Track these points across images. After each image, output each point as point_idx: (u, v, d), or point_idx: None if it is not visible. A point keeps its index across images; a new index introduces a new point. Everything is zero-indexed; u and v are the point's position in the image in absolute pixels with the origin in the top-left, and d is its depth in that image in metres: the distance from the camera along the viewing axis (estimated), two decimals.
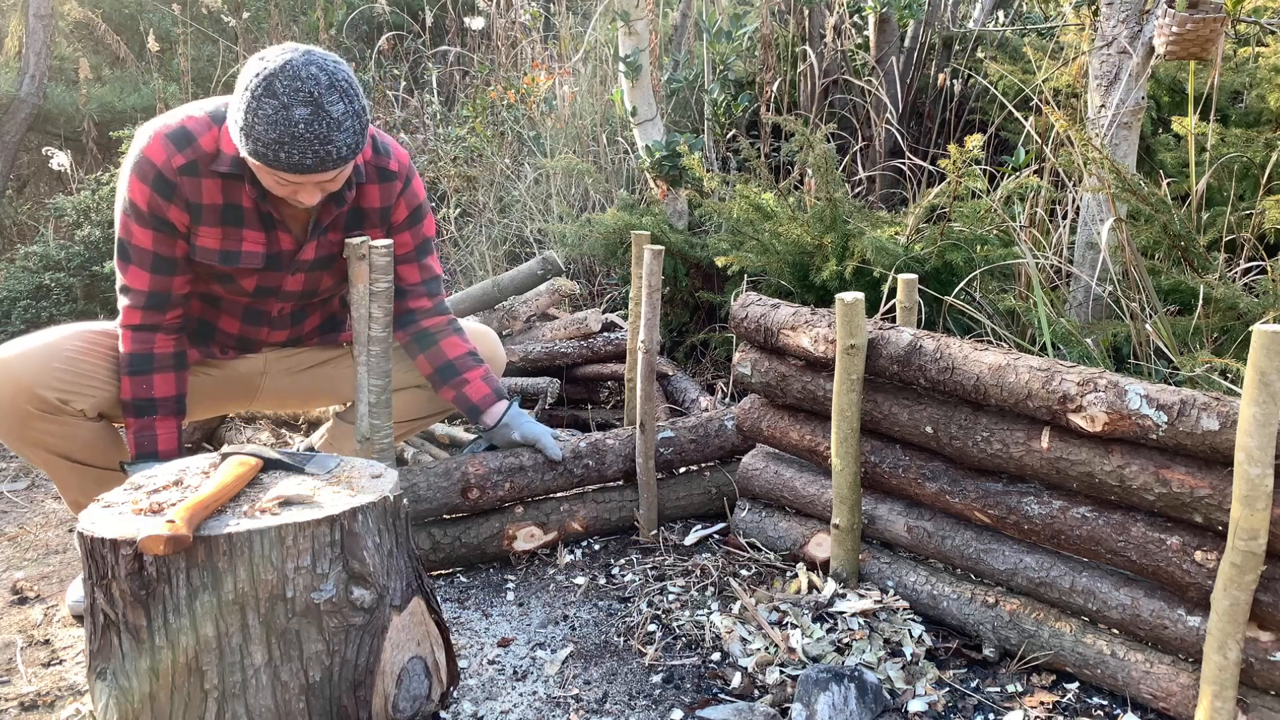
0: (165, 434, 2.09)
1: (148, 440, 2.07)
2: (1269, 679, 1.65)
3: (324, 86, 1.82)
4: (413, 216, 2.24)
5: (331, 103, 1.82)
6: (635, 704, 1.90)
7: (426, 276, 2.31)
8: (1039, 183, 3.12)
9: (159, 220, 1.99)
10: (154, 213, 1.97)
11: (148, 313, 2.05)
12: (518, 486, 2.42)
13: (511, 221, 4.80)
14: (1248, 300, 2.57)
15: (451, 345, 2.33)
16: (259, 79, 1.81)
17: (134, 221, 1.99)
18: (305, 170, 1.85)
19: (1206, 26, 2.59)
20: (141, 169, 1.95)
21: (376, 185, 2.15)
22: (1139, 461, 1.73)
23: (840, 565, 2.18)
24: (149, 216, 1.98)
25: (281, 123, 1.80)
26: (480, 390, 2.34)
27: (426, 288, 2.31)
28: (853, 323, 2.03)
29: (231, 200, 2.01)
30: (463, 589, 2.37)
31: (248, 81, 1.83)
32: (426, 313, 2.32)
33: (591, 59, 5.10)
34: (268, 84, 1.80)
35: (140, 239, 2.00)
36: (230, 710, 1.48)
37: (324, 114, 1.82)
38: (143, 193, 1.96)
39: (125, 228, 2.00)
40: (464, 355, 2.34)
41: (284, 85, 1.79)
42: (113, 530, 1.47)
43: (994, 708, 1.86)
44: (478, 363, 2.35)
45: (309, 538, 1.48)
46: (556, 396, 3.13)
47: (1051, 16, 4.85)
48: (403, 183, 2.19)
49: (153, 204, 1.97)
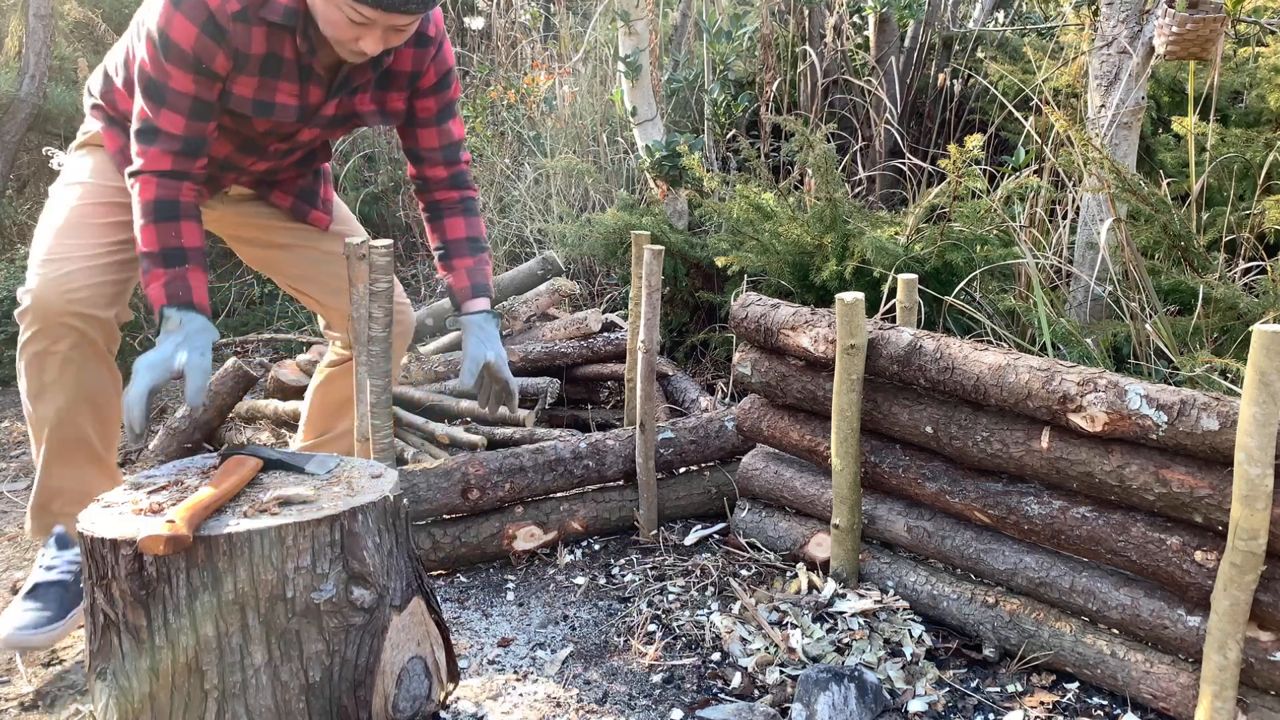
0: (199, 286, 1.94)
1: (181, 290, 1.91)
2: (1269, 679, 1.65)
3: None
4: (441, 82, 2.17)
5: None
6: (635, 704, 1.90)
7: (445, 142, 2.23)
8: (1039, 183, 3.12)
9: (202, 65, 1.87)
10: (199, 57, 1.85)
11: (179, 158, 1.92)
12: (518, 487, 2.42)
13: (511, 221, 4.80)
14: (1248, 300, 2.57)
15: (454, 226, 2.26)
16: None
17: (173, 63, 1.85)
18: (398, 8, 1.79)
19: (1206, 26, 2.59)
20: (191, 9, 1.82)
21: (411, 50, 2.09)
22: (1139, 461, 1.73)
23: (840, 565, 2.18)
24: (193, 61, 1.85)
25: None
26: (461, 281, 2.26)
27: (444, 154, 2.24)
28: (853, 323, 2.03)
29: (274, 50, 1.92)
30: (463, 589, 2.37)
31: None
32: (441, 183, 2.25)
33: (591, 59, 5.10)
34: None
35: (179, 82, 1.87)
36: (230, 710, 1.48)
37: None
38: (189, 35, 1.83)
39: (159, 67, 1.85)
40: (460, 240, 2.26)
41: None
42: (113, 530, 1.47)
43: (994, 708, 1.86)
44: (472, 251, 2.27)
45: (309, 538, 1.48)
46: (556, 396, 3.13)
47: (1051, 16, 4.86)
48: (436, 48, 2.12)
49: (200, 48, 1.84)
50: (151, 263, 1.91)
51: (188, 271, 1.91)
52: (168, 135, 1.90)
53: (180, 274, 1.90)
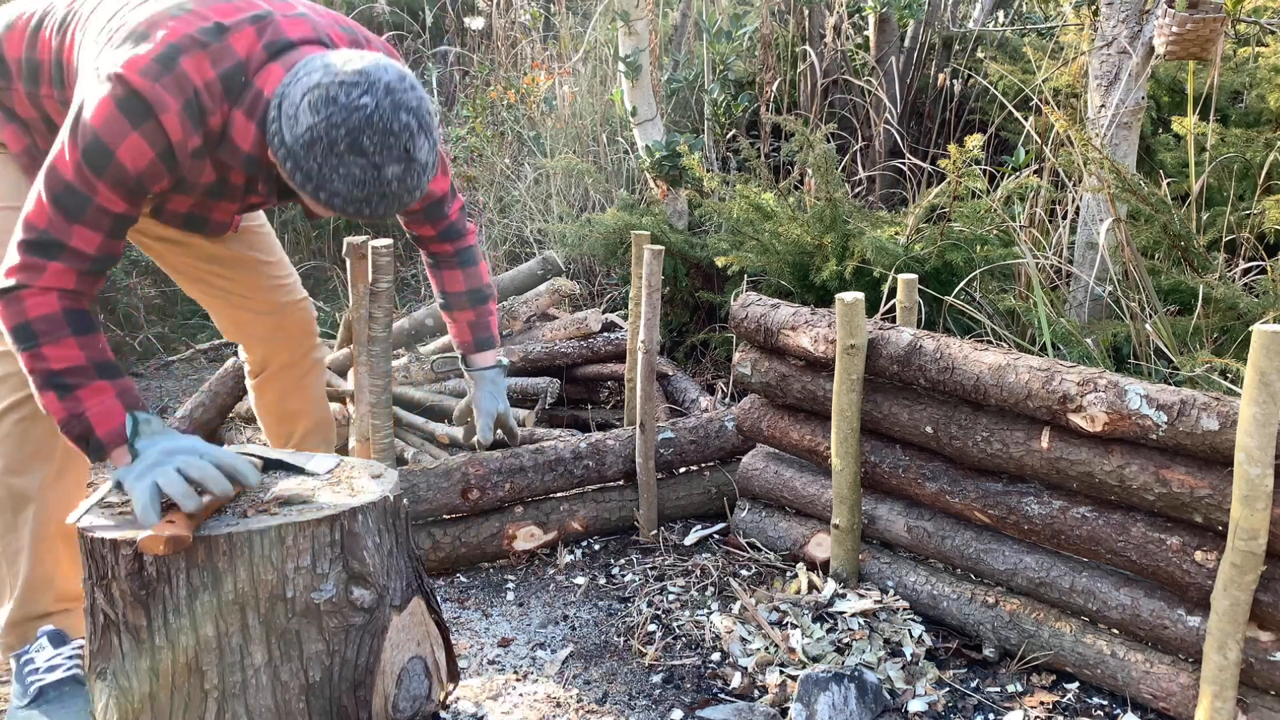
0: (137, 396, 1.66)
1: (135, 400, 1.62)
2: (1269, 679, 1.65)
3: (414, 131, 1.54)
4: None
5: (419, 148, 1.55)
6: (635, 704, 1.90)
7: (427, 203, 2.07)
8: (1039, 183, 3.12)
9: (143, 190, 1.61)
10: (142, 182, 1.59)
11: (85, 279, 1.61)
12: (518, 487, 2.42)
13: (511, 221, 4.80)
14: (1248, 300, 2.57)
15: (451, 279, 2.18)
16: (343, 132, 1.49)
17: (108, 182, 1.56)
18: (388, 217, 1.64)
19: (1206, 26, 2.59)
20: (151, 134, 1.55)
21: None
22: (1139, 461, 1.73)
23: (840, 565, 2.18)
24: (134, 184, 1.59)
25: (371, 182, 1.53)
26: (464, 335, 2.22)
27: (426, 215, 2.09)
28: (853, 323, 2.03)
29: (222, 176, 1.73)
30: (463, 589, 2.37)
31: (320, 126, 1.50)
32: (431, 240, 2.13)
33: (591, 59, 5.10)
34: (353, 140, 1.49)
35: (108, 200, 1.58)
36: (230, 710, 1.48)
37: (414, 164, 1.56)
38: (141, 160, 1.56)
39: (85, 179, 1.55)
40: (460, 293, 2.18)
41: (374, 142, 1.50)
42: (112, 530, 1.46)
43: (994, 708, 1.86)
44: (473, 304, 2.21)
45: (309, 538, 1.48)
46: (556, 396, 3.13)
47: (1051, 16, 4.85)
48: None
49: (148, 174, 1.59)
50: (82, 378, 1.56)
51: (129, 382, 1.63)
52: (77, 253, 1.58)
53: (127, 384, 1.61)
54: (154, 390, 4.02)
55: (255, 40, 1.62)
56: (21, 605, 1.87)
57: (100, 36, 1.64)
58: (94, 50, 1.64)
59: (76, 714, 1.79)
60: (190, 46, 1.57)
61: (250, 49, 1.61)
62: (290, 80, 1.56)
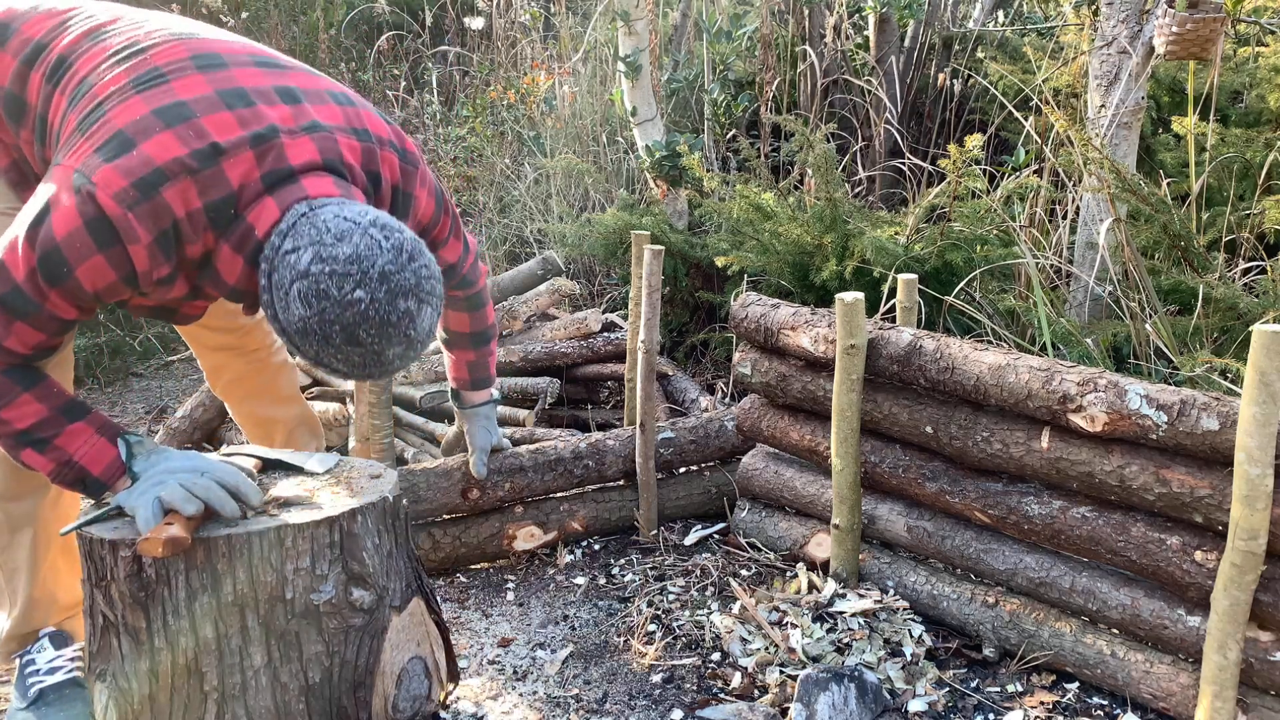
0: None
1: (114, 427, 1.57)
2: (1269, 679, 1.65)
3: (414, 314, 1.45)
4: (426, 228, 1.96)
5: (421, 323, 1.47)
6: (635, 704, 1.90)
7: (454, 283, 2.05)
8: (1039, 183, 3.12)
9: (99, 302, 1.51)
10: (99, 297, 1.49)
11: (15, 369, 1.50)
12: (518, 487, 2.42)
13: (511, 221, 4.80)
14: (1248, 300, 2.57)
15: (458, 320, 2.15)
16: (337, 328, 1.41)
17: (61, 293, 1.45)
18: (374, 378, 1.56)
19: (1206, 26, 2.59)
20: (115, 259, 1.44)
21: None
22: (1139, 461, 1.73)
23: (840, 565, 2.18)
24: (89, 299, 1.48)
25: (370, 364, 1.47)
26: (461, 373, 2.23)
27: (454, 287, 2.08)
28: (853, 323, 2.03)
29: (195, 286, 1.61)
30: (463, 589, 2.37)
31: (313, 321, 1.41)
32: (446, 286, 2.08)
33: (591, 59, 5.10)
34: (349, 334, 1.41)
35: (58, 308, 1.47)
36: (230, 711, 1.48)
37: (416, 340, 1.48)
38: (101, 280, 1.45)
39: (36, 287, 1.44)
40: (464, 334, 2.17)
41: (371, 334, 1.43)
42: (111, 532, 1.46)
43: (994, 708, 1.86)
44: (474, 345, 2.20)
45: (308, 539, 1.48)
46: (556, 396, 3.13)
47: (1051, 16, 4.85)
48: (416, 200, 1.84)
49: (105, 293, 1.48)
50: (54, 428, 1.50)
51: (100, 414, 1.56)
52: (9, 351, 1.49)
53: (99, 418, 1.55)
54: (154, 390, 4.02)
55: (253, 168, 1.49)
56: (23, 621, 1.86)
57: (84, 122, 1.50)
58: (74, 136, 1.50)
59: (76, 717, 1.78)
60: (177, 173, 1.43)
61: (246, 177, 1.48)
62: (280, 244, 1.44)
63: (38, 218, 1.43)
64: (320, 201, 1.48)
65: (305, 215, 1.45)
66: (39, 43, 1.65)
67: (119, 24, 1.65)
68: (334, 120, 1.60)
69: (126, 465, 1.52)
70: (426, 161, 2.21)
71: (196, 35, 1.63)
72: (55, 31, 1.65)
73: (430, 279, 1.49)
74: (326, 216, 1.44)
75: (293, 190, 1.50)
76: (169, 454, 1.54)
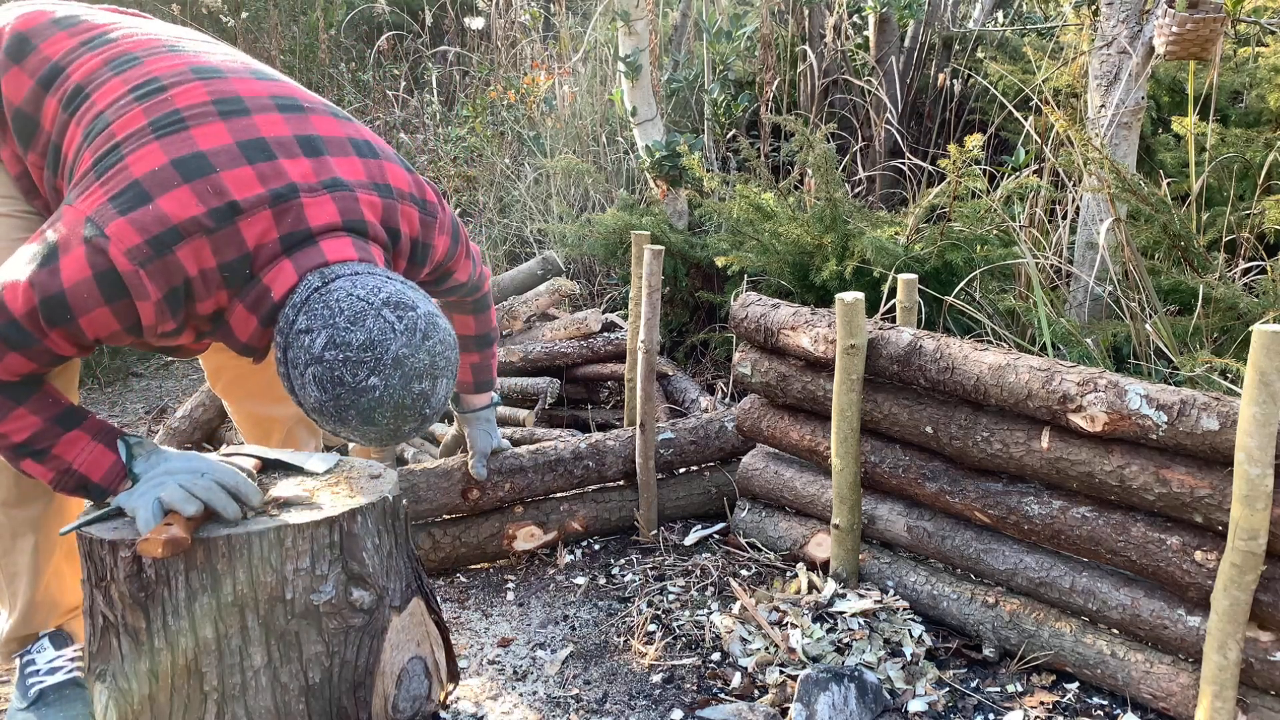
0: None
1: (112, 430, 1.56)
2: (1269, 679, 1.65)
3: (429, 394, 1.47)
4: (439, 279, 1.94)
5: (437, 397, 1.49)
6: (635, 704, 1.90)
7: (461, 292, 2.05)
8: (1039, 183, 3.12)
9: (96, 345, 1.51)
10: (99, 340, 1.48)
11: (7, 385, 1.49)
12: (518, 487, 2.42)
13: (511, 221, 4.80)
14: (1248, 300, 2.56)
15: (463, 323, 2.14)
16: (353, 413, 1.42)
17: (61, 333, 1.43)
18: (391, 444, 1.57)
19: (1206, 26, 2.59)
20: (122, 313, 1.43)
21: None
22: (1139, 461, 1.73)
23: (840, 565, 2.18)
24: (89, 343, 1.47)
25: (387, 436, 1.48)
26: (464, 375, 2.23)
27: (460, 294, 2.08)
28: (853, 323, 2.03)
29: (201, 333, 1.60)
30: (463, 589, 2.37)
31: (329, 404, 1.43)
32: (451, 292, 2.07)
33: (591, 59, 5.10)
34: (365, 418, 1.43)
35: (56, 346, 1.46)
36: (230, 712, 1.48)
37: (431, 414, 1.50)
38: (104, 328, 1.44)
39: (38, 327, 1.42)
40: (469, 337, 2.16)
41: (387, 416, 1.44)
42: (111, 532, 1.46)
43: (994, 708, 1.86)
44: (479, 347, 2.20)
45: (308, 539, 1.48)
46: (556, 396, 3.13)
47: (1051, 16, 4.85)
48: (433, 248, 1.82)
49: (107, 340, 1.48)
50: (50, 438, 1.49)
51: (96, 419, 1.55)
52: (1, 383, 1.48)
53: (96, 423, 1.54)
54: (154, 390, 4.02)
55: (271, 228, 1.47)
56: (23, 624, 1.86)
57: (99, 163, 1.47)
58: (89, 176, 1.47)
59: (76, 717, 1.78)
60: (193, 232, 1.41)
61: (263, 238, 1.47)
62: (294, 319, 1.44)
63: (44, 261, 1.41)
64: (333, 272, 1.47)
65: (318, 290, 1.44)
66: (56, 64, 1.62)
67: (139, 51, 1.61)
68: (355, 175, 1.58)
69: (127, 467, 1.52)
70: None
71: (219, 72, 1.60)
72: (74, 54, 1.63)
73: (445, 353, 1.49)
74: (340, 295, 1.43)
75: (311, 254, 1.48)
76: (169, 455, 1.53)
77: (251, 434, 2.30)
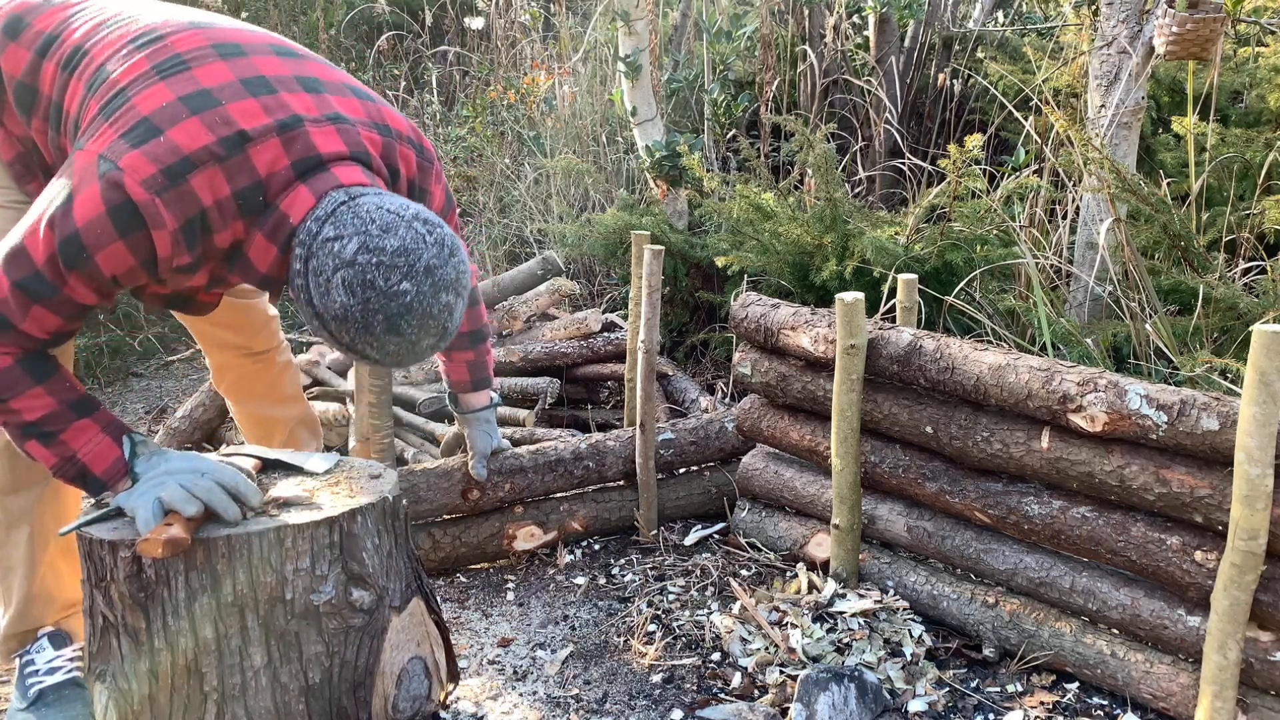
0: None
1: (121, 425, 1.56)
2: (1269, 679, 1.65)
3: (453, 308, 1.48)
4: None
5: (456, 316, 1.50)
6: (635, 704, 1.90)
7: None
8: (1039, 183, 3.12)
9: (118, 286, 1.50)
10: (118, 281, 1.48)
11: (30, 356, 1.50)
12: (518, 487, 2.42)
13: (511, 221, 4.80)
14: (1248, 300, 2.56)
15: None
16: (380, 317, 1.42)
17: (80, 277, 1.44)
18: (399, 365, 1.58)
19: (1206, 26, 2.59)
20: (138, 246, 1.43)
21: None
22: (1139, 461, 1.73)
23: (840, 565, 2.18)
24: (108, 283, 1.47)
25: (405, 353, 1.48)
26: (460, 374, 2.20)
27: None
28: (853, 323, 2.02)
29: (217, 277, 1.61)
30: (463, 589, 2.37)
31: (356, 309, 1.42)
32: None
33: (591, 59, 5.10)
34: (390, 324, 1.43)
35: (77, 293, 1.46)
36: (230, 712, 1.48)
37: (449, 332, 1.51)
38: (121, 265, 1.45)
39: (55, 270, 1.43)
40: (461, 334, 2.14)
41: (413, 325, 1.44)
42: (111, 532, 1.46)
43: (994, 708, 1.86)
44: (472, 344, 2.18)
45: (308, 539, 1.48)
46: (556, 396, 3.13)
47: (1051, 16, 4.85)
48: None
49: (125, 277, 1.47)
50: (61, 422, 1.49)
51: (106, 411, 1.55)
52: (26, 336, 1.48)
53: (106, 416, 1.54)
54: (154, 390, 4.02)
55: (281, 155, 1.48)
56: (20, 620, 1.86)
57: (106, 107, 1.49)
58: (97, 120, 1.49)
59: (76, 717, 1.78)
60: (205, 161, 1.43)
61: (273, 166, 1.48)
62: (319, 230, 1.44)
63: (61, 203, 1.43)
64: (358, 190, 1.48)
65: (345, 204, 1.45)
66: (51, 34, 1.65)
67: (133, 14, 1.65)
68: (355, 114, 1.60)
69: (129, 465, 1.52)
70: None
71: (214, 25, 1.63)
72: (67, 22, 1.65)
73: (465, 275, 1.51)
74: (369, 206, 1.44)
75: (325, 178, 1.49)
76: (170, 455, 1.54)
77: (253, 434, 2.29)
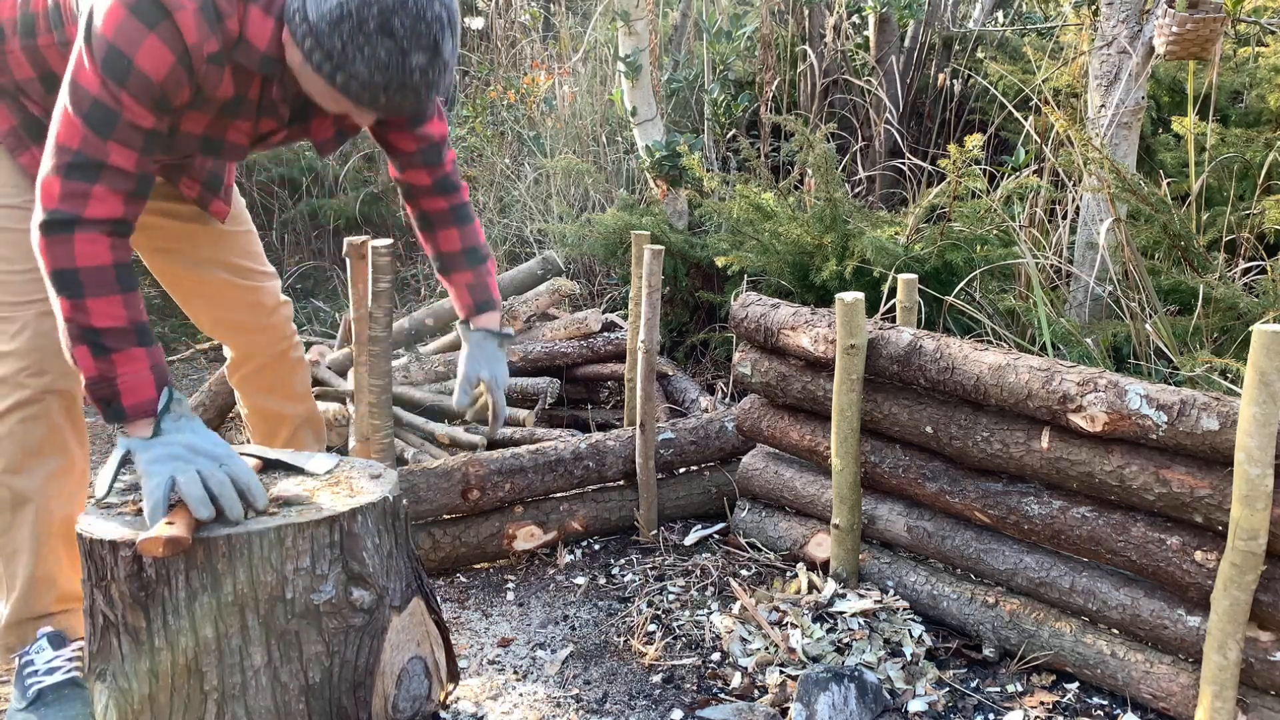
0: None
1: (166, 374, 1.59)
2: (1269, 679, 1.65)
3: (444, 24, 1.50)
4: None
5: (446, 42, 1.51)
6: (635, 704, 1.90)
7: (423, 145, 1.99)
8: (1039, 183, 3.12)
9: (166, 100, 1.55)
10: (165, 92, 1.53)
11: (132, 201, 1.56)
12: (518, 487, 2.42)
13: (511, 221, 4.80)
14: (1248, 300, 2.57)
15: (448, 238, 2.08)
16: (375, 10, 1.44)
17: (132, 93, 1.50)
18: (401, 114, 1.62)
19: (1206, 26, 2.59)
20: (169, 35, 1.49)
21: None
22: (1139, 461, 1.73)
23: (840, 565, 2.18)
24: (158, 94, 1.53)
25: (395, 68, 1.48)
26: (463, 297, 2.12)
27: (423, 157, 1.99)
28: (853, 323, 2.03)
29: (240, 92, 1.66)
30: (463, 589, 2.37)
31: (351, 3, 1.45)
32: (425, 191, 2.03)
33: (591, 59, 5.10)
34: (383, 21, 1.44)
35: (136, 114, 1.52)
36: (230, 711, 1.48)
37: (439, 59, 1.51)
38: (162, 66, 1.50)
39: (110, 93, 1.50)
40: (457, 253, 2.09)
41: (405, 26, 1.46)
42: (111, 532, 1.46)
43: (994, 708, 1.86)
44: (471, 264, 2.11)
45: (308, 539, 1.48)
46: (556, 396, 3.13)
47: (1051, 16, 4.85)
48: None
49: (170, 82, 1.52)
50: (121, 341, 1.53)
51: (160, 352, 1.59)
52: (119, 172, 1.53)
53: (158, 355, 1.58)
54: None
55: None
56: (22, 605, 1.85)
57: None
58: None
59: (75, 717, 1.78)
60: None
61: None
62: None
63: (88, 28, 1.49)
64: None
65: None
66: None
67: None
68: None
69: (158, 416, 1.53)
70: None
71: None
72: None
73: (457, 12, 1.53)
74: None
75: None
76: (197, 425, 1.55)
77: (259, 429, 2.31)
